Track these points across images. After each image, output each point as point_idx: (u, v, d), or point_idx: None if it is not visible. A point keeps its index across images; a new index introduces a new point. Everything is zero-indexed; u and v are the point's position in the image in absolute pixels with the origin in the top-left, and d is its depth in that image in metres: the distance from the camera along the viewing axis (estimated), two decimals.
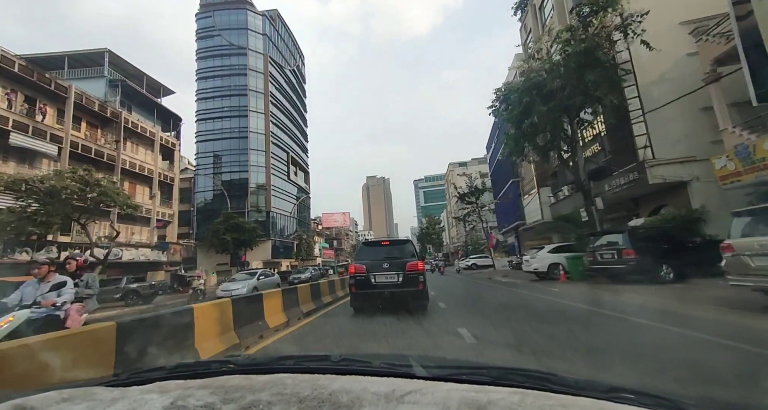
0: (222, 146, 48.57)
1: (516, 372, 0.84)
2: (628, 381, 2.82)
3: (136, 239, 25.27)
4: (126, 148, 24.77)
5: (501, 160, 32.89)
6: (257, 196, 48.52)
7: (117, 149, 22.82)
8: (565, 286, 11.14)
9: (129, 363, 3.02)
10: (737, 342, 3.86)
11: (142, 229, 26.21)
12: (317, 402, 0.63)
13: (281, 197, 53.74)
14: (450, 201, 78.91)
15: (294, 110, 63.71)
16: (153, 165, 26.82)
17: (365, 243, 8.88)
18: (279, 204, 52.68)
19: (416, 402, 0.62)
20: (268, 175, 49.72)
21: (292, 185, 59.75)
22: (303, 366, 0.96)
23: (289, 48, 64.40)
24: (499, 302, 9.18)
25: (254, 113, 50.04)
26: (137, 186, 25.96)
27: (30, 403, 0.69)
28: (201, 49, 51.13)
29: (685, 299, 7.34)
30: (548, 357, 3.63)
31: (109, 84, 23.31)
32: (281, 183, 54.35)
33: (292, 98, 62.52)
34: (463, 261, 33.57)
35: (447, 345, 4.57)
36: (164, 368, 0.99)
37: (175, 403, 0.64)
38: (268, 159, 50.11)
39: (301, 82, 70.60)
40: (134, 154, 25.49)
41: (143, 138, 26.27)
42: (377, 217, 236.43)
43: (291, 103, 62.19)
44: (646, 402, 0.68)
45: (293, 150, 60.57)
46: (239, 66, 50.26)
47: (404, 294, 7.06)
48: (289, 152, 57.98)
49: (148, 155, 26.87)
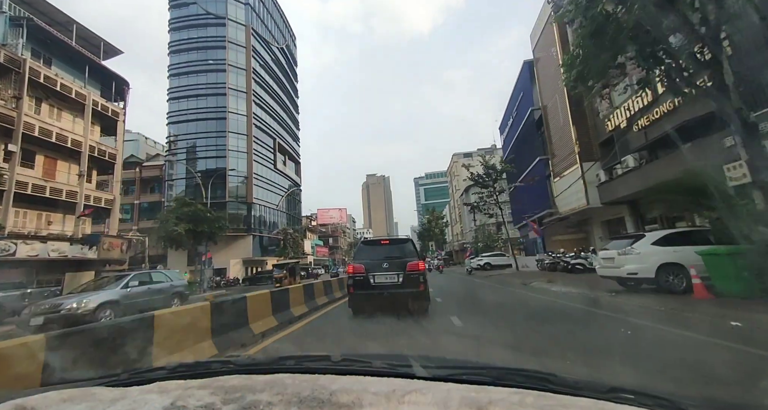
0: (197, 129, 42.73)
1: (516, 373, 0.83)
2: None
3: (58, 231, 19.48)
4: (41, 111, 18.94)
5: (522, 137, 27.06)
6: (237, 185, 42.71)
7: (17, 108, 16.96)
8: (740, 312, 5.36)
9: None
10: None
11: (67, 218, 20.41)
12: (317, 403, 0.63)
13: (266, 187, 47.95)
14: (453, 196, 73.09)
15: (283, 93, 57.84)
16: (82, 137, 20.94)
17: (364, 242, 8.57)
18: (264, 196, 46.89)
19: (416, 402, 0.62)
20: (249, 161, 43.91)
21: (281, 176, 53.93)
22: (303, 366, 0.97)
23: (277, 25, 58.42)
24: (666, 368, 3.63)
25: (234, 91, 44.18)
26: (58, 162, 20.09)
27: (30, 403, 0.69)
28: (174, 19, 45.23)
29: None
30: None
31: (9, 22, 17.47)
32: (266, 172, 48.55)
33: (280, 80, 56.63)
34: (474, 260, 27.77)
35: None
36: (164, 368, 0.99)
37: (175, 403, 0.64)
38: (250, 144, 44.29)
39: (291, 64, 64.68)
40: (55, 120, 19.64)
41: (70, 102, 20.42)
42: (377, 216, 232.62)
43: (279, 84, 56.31)
44: (646, 403, 0.67)
45: (281, 137, 54.72)
46: (217, 38, 44.36)
47: (405, 295, 6.77)
48: (276, 138, 52.14)
49: (79, 124, 21.04)
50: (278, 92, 55.28)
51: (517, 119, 28.51)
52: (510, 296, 10.61)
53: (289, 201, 58.84)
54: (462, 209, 63.95)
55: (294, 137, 63.14)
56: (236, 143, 43.18)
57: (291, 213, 57.95)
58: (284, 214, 55.27)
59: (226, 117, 42.80)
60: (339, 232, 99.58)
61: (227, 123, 42.73)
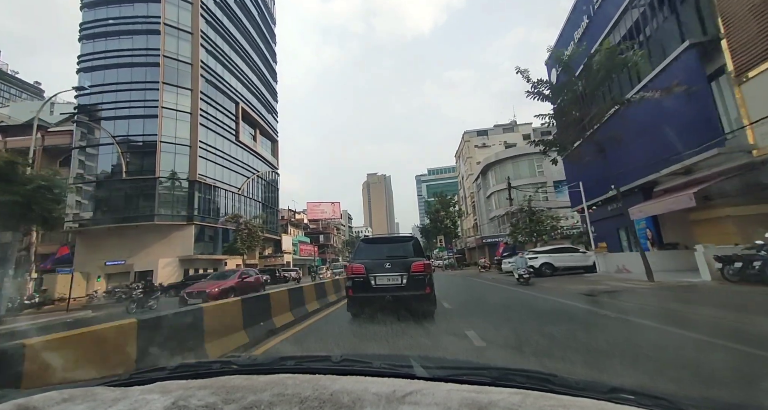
0: (119, 79, 31.00)
1: (516, 373, 0.83)
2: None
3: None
4: None
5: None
6: (175, 156, 30.99)
7: None
8: None
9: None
10: None
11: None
12: (318, 403, 0.63)
13: (223, 164, 36.25)
14: (463, 184, 61.06)
15: (253, 49, 46.07)
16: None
17: (365, 240, 7.82)
18: (219, 174, 35.17)
19: (417, 402, 0.62)
20: (194, 125, 32.20)
21: (249, 154, 42.20)
22: (304, 366, 0.96)
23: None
24: None
25: (173, 29, 32.42)
26: None
27: (32, 403, 0.68)
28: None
29: None
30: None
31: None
32: (224, 145, 36.84)
33: (247, 32, 44.82)
34: (527, 257, 15.64)
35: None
36: (165, 368, 0.99)
37: (176, 403, 0.64)
38: (196, 102, 32.56)
39: (267, 19, 52.97)
40: None
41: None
42: (378, 215, 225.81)
43: (247, 37, 44.52)
44: (646, 403, 0.67)
45: (249, 103, 42.97)
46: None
47: (408, 298, 6.18)
48: (240, 102, 40.43)
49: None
50: (245, 46, 43.50)
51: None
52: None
53: (266, 188, 47.15)
54: (477, 198, 52.00)
55: (270, 109, 51.40)
56: (174, 100, 31.42)
57: (265, 203, 46.24)
58: (256, 203, 43.56)
59: (160, 63, 31.05)
60: (331, 229, 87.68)
61: (161, 71, 30.97)
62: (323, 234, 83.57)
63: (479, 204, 50.36)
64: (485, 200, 46.56)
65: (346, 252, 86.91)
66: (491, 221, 45.08)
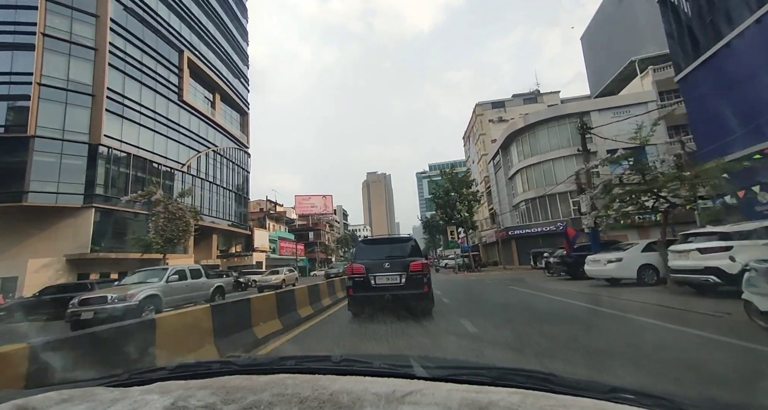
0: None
1: (516, 373, 0.82)
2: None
3: None
4: None
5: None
6: (65, 106, 21.08)
7: None
8: None
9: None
10: None
11: None
12: (318, 403, 0.63)
13: (157, 128, 26.37)
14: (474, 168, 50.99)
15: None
16: None
17: (364, 241, 8.21)
18: (145, 141, 25.28)
19: (417, 402, 0.62)
20: (100, 65, 22.32)
21: (200, 120, 32.34)
22: (304, 366, 0.96)
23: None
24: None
25: None
26: None
27: (31, 403, 0.68)
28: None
29: None
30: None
31: None
32: (157, 102, 26.95)
33: None
34: (698, 247, 5.81)
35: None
36: (165, 368, 0.98)
37: (175, 403, 0.64)
38: (104, 33, 22.68)
39: None
40: None
41: None
42: (378, 215, 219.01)
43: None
44: (646, 403, 0.67)
45: (200, 55, 33.08)
46: None
47: (407, 297, 6.38)
48: (185, 50, 30.55)
49: None
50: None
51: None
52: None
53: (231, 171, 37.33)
54: (493, 181, 42.08)
55: (238, 74, 41.53)
56: (67, 28, 21.54)
57: (229, 188, 36.40)
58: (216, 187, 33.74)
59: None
60: (323, 225, 77.64)
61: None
62: (313, 231, 73.59)
63: (497, 189, 40.37)
64: (507, 182, 36.63)
65: (340, 252, 76.84)
66: (515, 209, 35.17)
